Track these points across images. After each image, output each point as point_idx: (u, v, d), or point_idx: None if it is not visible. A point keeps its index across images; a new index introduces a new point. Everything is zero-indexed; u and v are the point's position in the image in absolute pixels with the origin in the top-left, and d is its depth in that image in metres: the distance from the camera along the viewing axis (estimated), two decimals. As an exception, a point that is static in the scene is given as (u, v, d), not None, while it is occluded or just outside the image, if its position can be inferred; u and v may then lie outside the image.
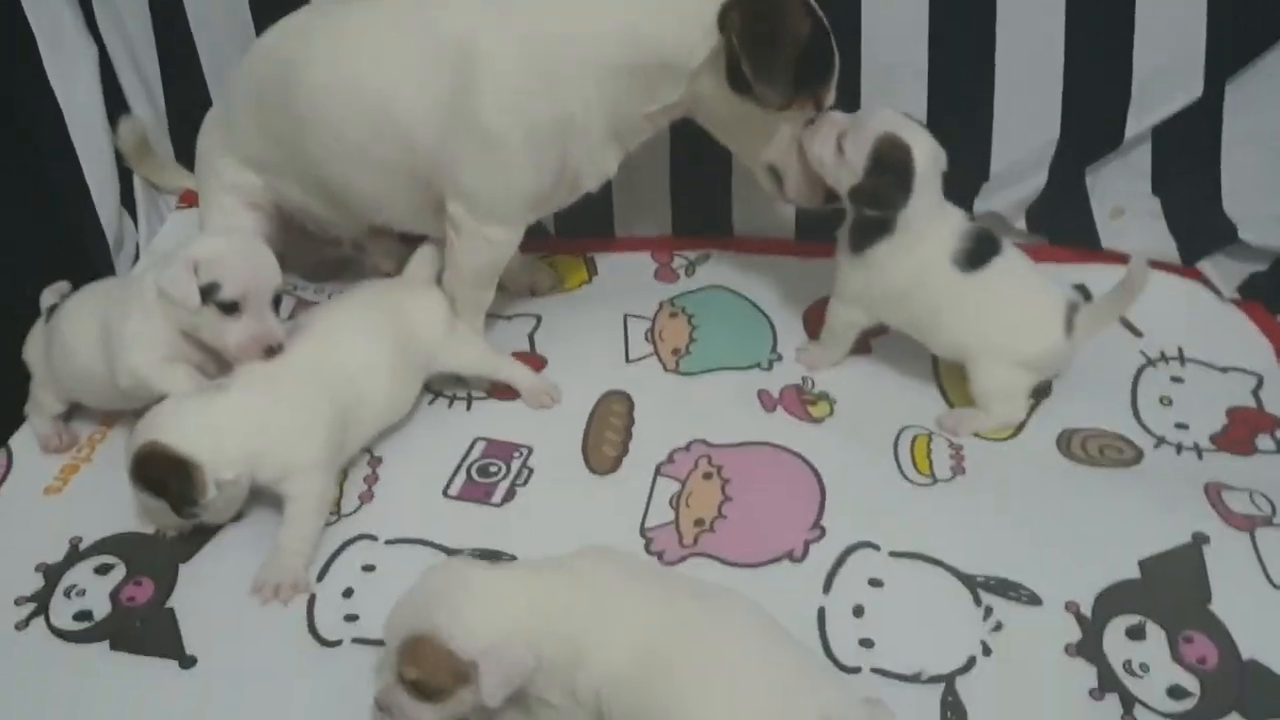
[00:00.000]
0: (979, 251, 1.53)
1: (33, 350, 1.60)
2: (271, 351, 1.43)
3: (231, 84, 1.72)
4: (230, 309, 1.40)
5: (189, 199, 2.05)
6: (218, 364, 1.49)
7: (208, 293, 1.39)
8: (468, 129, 1.47)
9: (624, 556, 1.25)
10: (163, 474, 1.34)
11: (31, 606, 1.39)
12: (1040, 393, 1.62)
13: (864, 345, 1.72)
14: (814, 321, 1.77)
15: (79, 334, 1.52)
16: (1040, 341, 1.54)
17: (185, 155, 1.99)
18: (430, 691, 1.09)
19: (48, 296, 1.63)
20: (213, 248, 1.41)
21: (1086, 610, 1.30)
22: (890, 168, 1.48)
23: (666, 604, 1.14)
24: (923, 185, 1.49)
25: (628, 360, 1.73)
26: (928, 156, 1.50)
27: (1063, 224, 1.85)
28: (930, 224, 1.52)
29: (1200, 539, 1.37)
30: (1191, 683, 1.23)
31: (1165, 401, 1.63)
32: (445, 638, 1.08)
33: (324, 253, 1.90)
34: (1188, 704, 1.21)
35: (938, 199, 1.53)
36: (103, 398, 1.56)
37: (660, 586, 1.19)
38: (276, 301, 1.46)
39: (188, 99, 1.99)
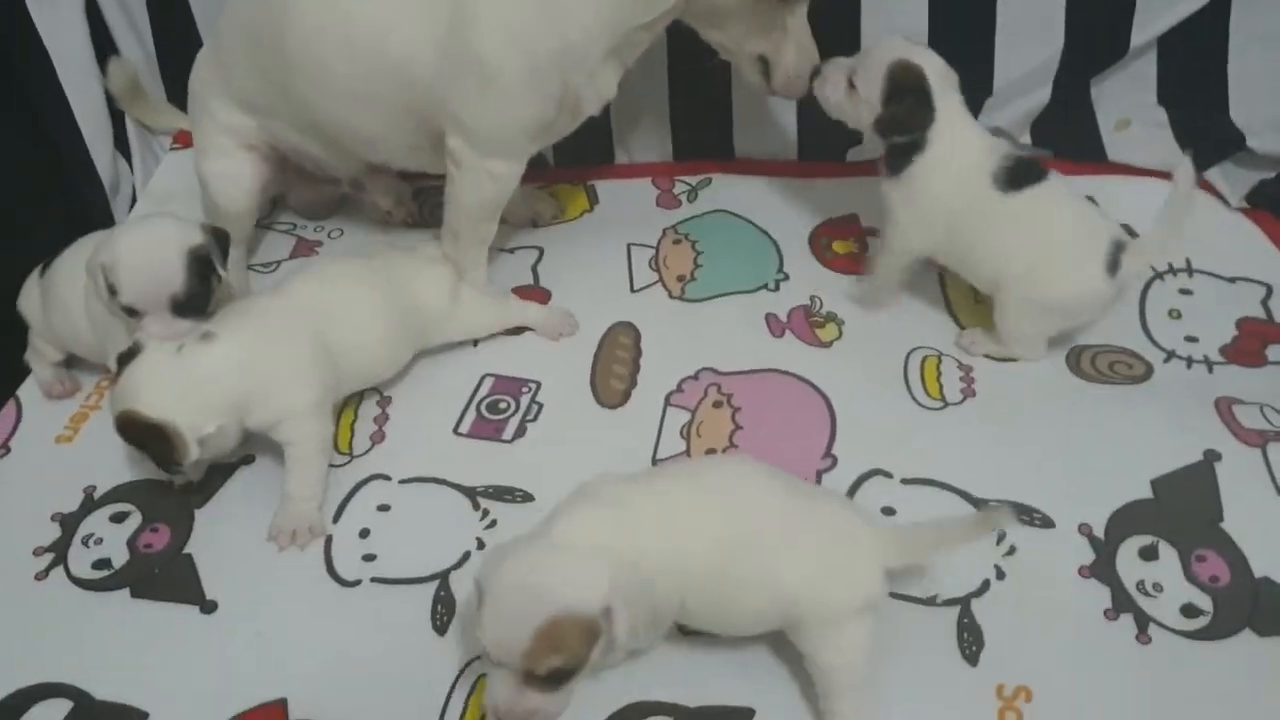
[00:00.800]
0: (1019, 174, 1.48)
1: (27, 301, 1.59)
2: None
3: (222, 25, 1.68)
4: (130, 312, 1.38)
5: (183, 139, 2.03)
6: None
7: (112, 292, 1.38)
8: (466, 62, 1.44)
9: (639, 473, 1.25)
10: (142, 440, 1.34)
11: (50, 557, 1.40)
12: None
13: (872, 265, 1.71)
14: (820, 241, 1.76)
15: (74, 289, 1.50)
16: (1075, 282, 1.48)
17: (176, 96, 1.97)
18: (574, 667, 1.06)
19: None
20: (113, 253, 1.38)
21: (1099, 532, 1.32)
22: (907, 89, 1.47)
23: (709, 491, 1.18)
24: (942, 99, 1.48)
25: (632, 290, 1.72)
26: (939, 72, 1.48)
27: (1069, 137, 1.83)
28: (962, 137, 1.50)
29: (1212, 456, 1.38)
30: (1204, 601, 1.24)
31: (1174, 315, 1.62)
32: (571, 609, 1.04)
33: (322, 190, 1.89)
34: (1201, 622, 1.22)
35: (962, 113, 1.51)
36: (97, 352, 1.55)
37: (692, 477, 1.22)
38: (183, 305, 1.38)
39: (177, 39, 1.95)
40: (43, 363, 1.62)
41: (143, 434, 1.33)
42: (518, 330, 1.66)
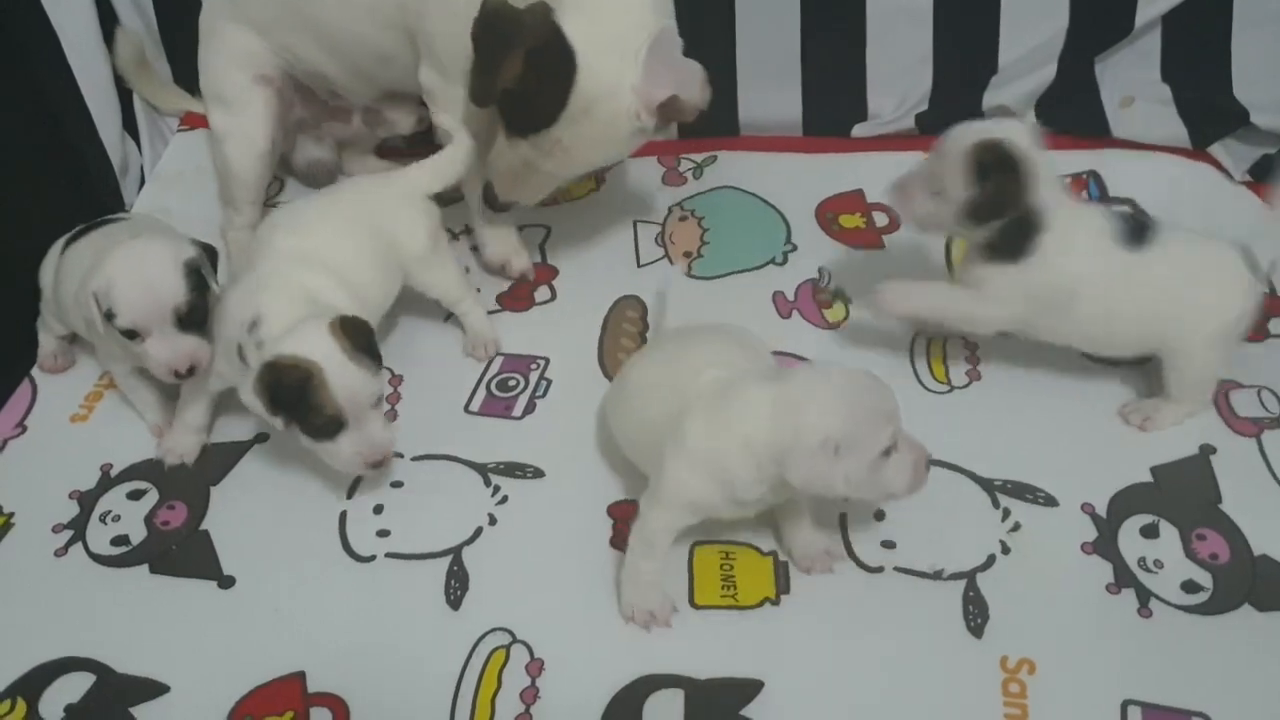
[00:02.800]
0: (1137, 228, 1.38)
1: (45, 273, 1.60)
2: (181, 376, 1.38)
3: None
4: (131, 335, 1.36)
5: (190, 120, 2.03)
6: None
7: (109, 318, 1.34)
8: None
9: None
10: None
11: (69, 534, 1.42)
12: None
13: (876, 240, 1.73)
14: (825, 216, 1.78)
15: (70, 278, 1.49)
16: (1243, 298, 1.38)
17: (181, 78, 1.96)
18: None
19: None
20: (105, 277, 1.34)
21: (1101, 511, 1.33)
22: (994, 166, 1.31)
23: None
24: (1036, 168, 1.32)
25: (639, 265, 1.73)
26: (1024, 137, 1.33)
27: (1073, 114, 1.83)
28: (1073, 206, 1.38)
29: (1207, 450, 1.40)
30: (1204, 577, 1.26)
31: (1178, 289, 1.63)
32: None
33: (327, 149, 1.89)
34: (1201, 597, 1.24)
35: (1060, 181, 1.38)
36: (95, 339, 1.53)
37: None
38: (186, 318, 1.36)
39: (180, 17, 1.94)
40: (48, 334, 1.64)
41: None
42: (524, 305, 1.68)
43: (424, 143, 1.73)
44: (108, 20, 1.92)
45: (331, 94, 1.78)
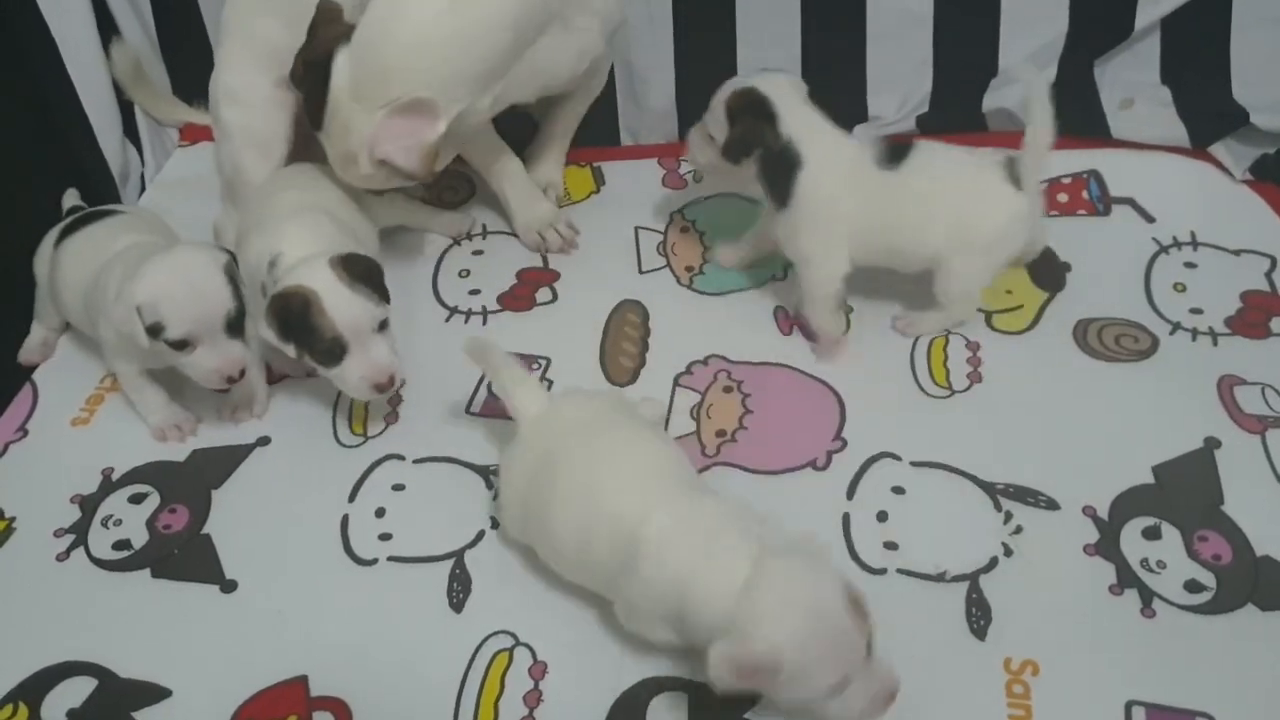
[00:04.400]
0: (895, 149, 1.48)
1: (40, 263, 1.60)
2: (234, 380, 1.42)
3: None
4: (181, 346, 1.37)
5: (190, 135, 2.03)
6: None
7: (155, 332, 1.35)
8: None
9: None
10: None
11: (71, 538, 1.41)
12: (1056, 285, 1.64)
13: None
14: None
15: (76, 275, 1.51)
16: (1000, 209, 1.47)
17: (180, 88, 1.97)
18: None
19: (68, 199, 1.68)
20: (152, 289, 1.35)
21: (1103, 514, 1.33)
22: (743, 109, 1.46)
23: None
24: (787, 107, 1.45)
25: (640, 271, 1.73)
26: (778, 85, 1.47)
27: (1072, 117, 1.80)
28: (832, 138, 1.48)
29: (1212, 444, 1.40)
30: (1207, 577, 1.26)
31: (1179, 288, 1.63)
32: None
33: None
34: (1204, 597, 1.24)
35: (819, 120, 1.48)
36: (90, 329, 1.54)
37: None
38: (234, 323, 1.40)
39: (179, 29, 1.96)
40: (41, 325, 1.64)
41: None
42: (526, 306, 1.68)
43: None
44: (107, 28, 1.92)
45: None
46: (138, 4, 1.97)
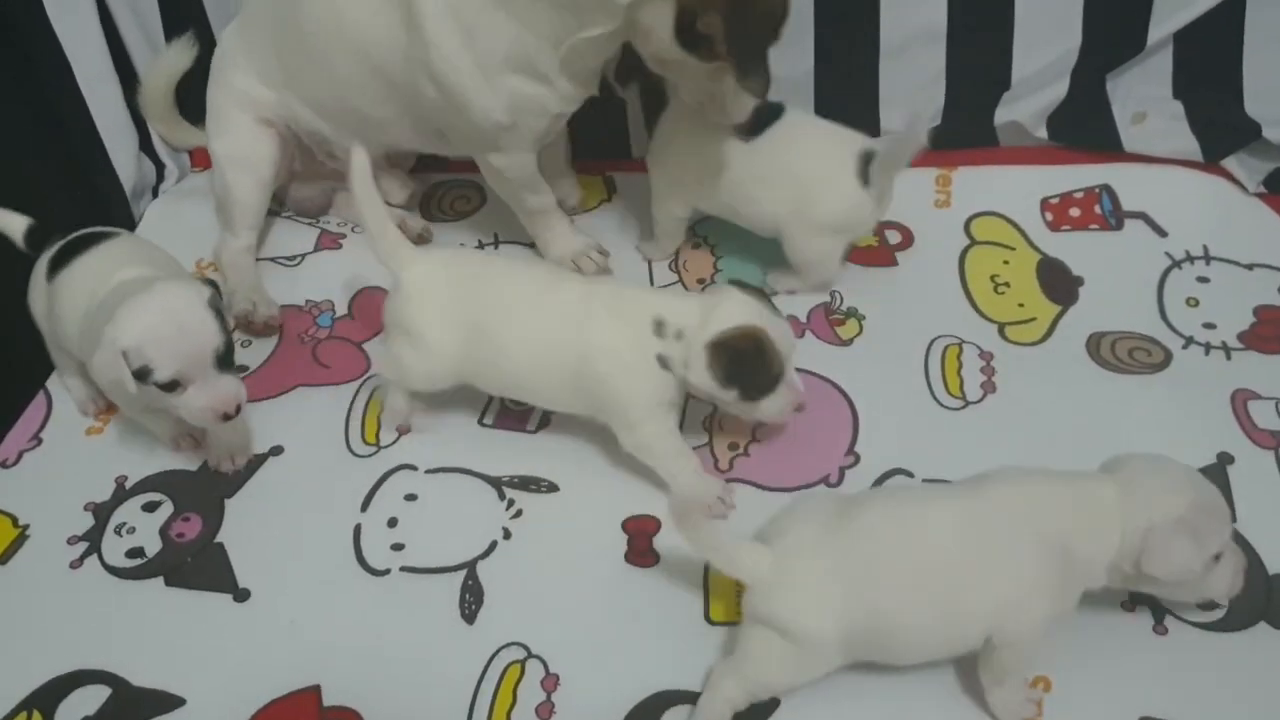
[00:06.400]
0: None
1: (36, 303, 1.54)
2: (229, 417, 1.36)
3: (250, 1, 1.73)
4: (171, 387, 1.32)
5: (202, 160, 2.03)
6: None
7: (142, 376, 1.30)
8: (425, 75, 1.49)
9: None
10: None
11: (84, 546, 1.42)
12: (1069, 299, 1.64)
13: (889, 257, 1.73)
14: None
15: (71, 308, 1.45)
16: (836, 201, 1.55)
17: (187, 112, 1.95)
18: None
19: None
20: (135, 332, 1.29)
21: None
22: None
23: None
24: None
25: (652, 287, 1.73)
26: None
27: (1085, 131, 1.83)
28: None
29: (1225, 459, 1.39)
30: (1220, 595, 1.26)
31: (1192, 302, 1.63)
32: None
33: (320, 188, 1.90)
34: (1217, 614, 1.24)
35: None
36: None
37: None
38: (225, 358, 1.34)
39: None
40: (70, 377, 1.60)
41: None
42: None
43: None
44: (118, 48, 1.93)
45: (329, 155, 1.79)
46: (146, 24, 1.97)
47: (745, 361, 1.29)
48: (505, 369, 1.40)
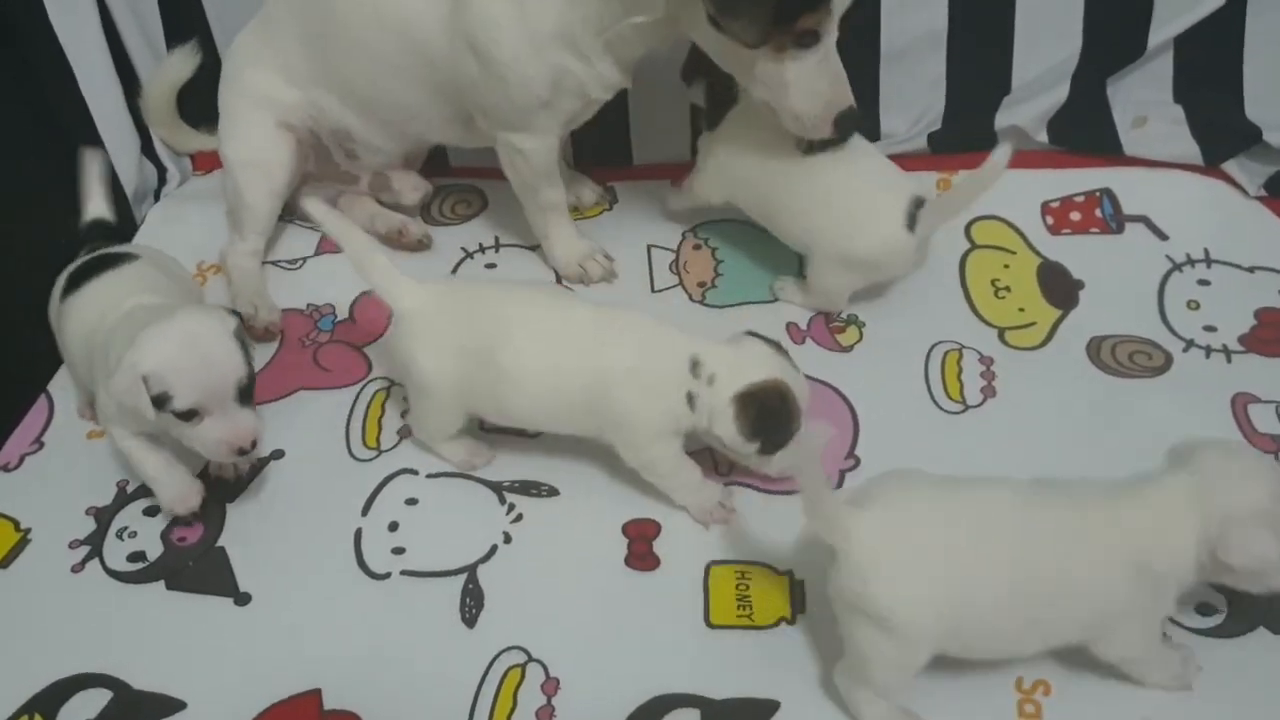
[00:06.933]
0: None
1: (51, 315, 1.55)
2: (244, 452, 1.33)
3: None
4: (189, 416, 1.30)
5: (204, 164, 2.04)
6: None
7: (161, 403, 1.27)
8: (466, 45, 1.49)
9: None
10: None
11: (86, 549, 1.42)
12: (1069, 302, 1.63)
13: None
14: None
15: (79, 331, 1.46)
16: (876, 238, 1.52)
17: (188, 115, 1.96)
18: None
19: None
20: (158, 357, 1.27)
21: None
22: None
23: None
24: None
25: (653, 290, 1.73)
26: None
27: (1085, 135, 1.83)
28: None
29: None
30: (1218, 600, 1.25)
31: (1192, 305, 1.63)
32: None
33: (329, 195, 1.87)
34: (1216, 619, 1.24)
35: None
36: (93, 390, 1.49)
37: None
38: (246, 390, 1.33)
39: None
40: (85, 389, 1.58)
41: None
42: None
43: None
44: (119, 52, 1.94)
45: (347, 156, 1.80)
46: (147, 27, 1.97)
47: (771, 416, 1.30)
48: (509, 394, 1.38)
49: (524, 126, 1.57)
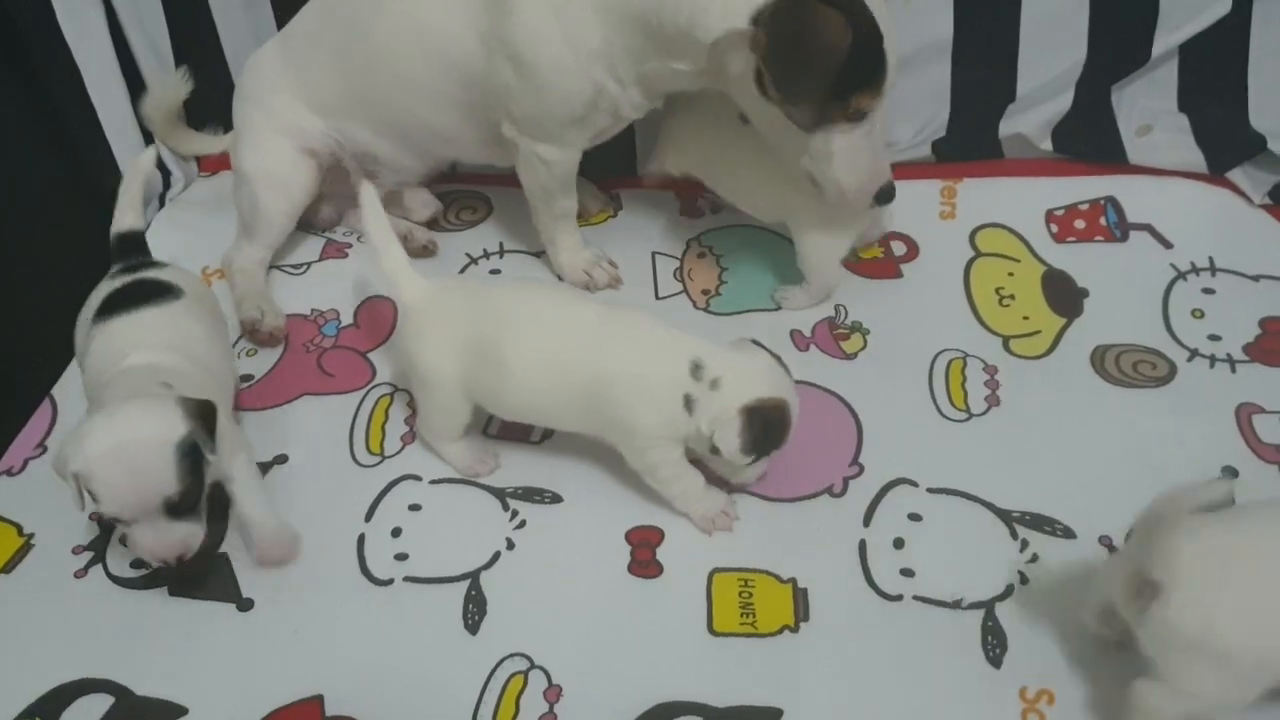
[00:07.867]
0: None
1: (80, 328, 1.51)
2: (169, 565, 1.26)
3: (296, 28, 1.74)
4: (117, 521, 1.24)
5: (209, 166, 2.05)
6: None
7: (92, 498, 1.22)
8: (505, 54, 1.50)
9: None
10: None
11: (89, 555, 1.42)
12: (1073, 311, 1.63)
13: (894, 269, 1.73)
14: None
15: (97, 364, 1.41)
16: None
17: (194, 119, 1.98)
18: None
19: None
20: (87, 459, 1.20)
21: (1119, 544, 1.32)
22: None
23: None
24: None
25: (658, 297, 1.74)
26: None
27: (1090, 143, 1.83)
28: None
29: (1229, 474, 1.38)
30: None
31: (1197, 314, 1.62)
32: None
33: (335, 200, 1.91)
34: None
35: None
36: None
37: None
38: (176, 507, 1.23)
39: (196, 61, 1.97)
40: None
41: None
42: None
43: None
44: (125, 55, 1.94)
45: (367, 175, 1.79)
46: (151, 32, 1.97)
47: (773, 432, 1.30)
48: (510, 387, 1.38)
49: (553, 138, 1.58)
